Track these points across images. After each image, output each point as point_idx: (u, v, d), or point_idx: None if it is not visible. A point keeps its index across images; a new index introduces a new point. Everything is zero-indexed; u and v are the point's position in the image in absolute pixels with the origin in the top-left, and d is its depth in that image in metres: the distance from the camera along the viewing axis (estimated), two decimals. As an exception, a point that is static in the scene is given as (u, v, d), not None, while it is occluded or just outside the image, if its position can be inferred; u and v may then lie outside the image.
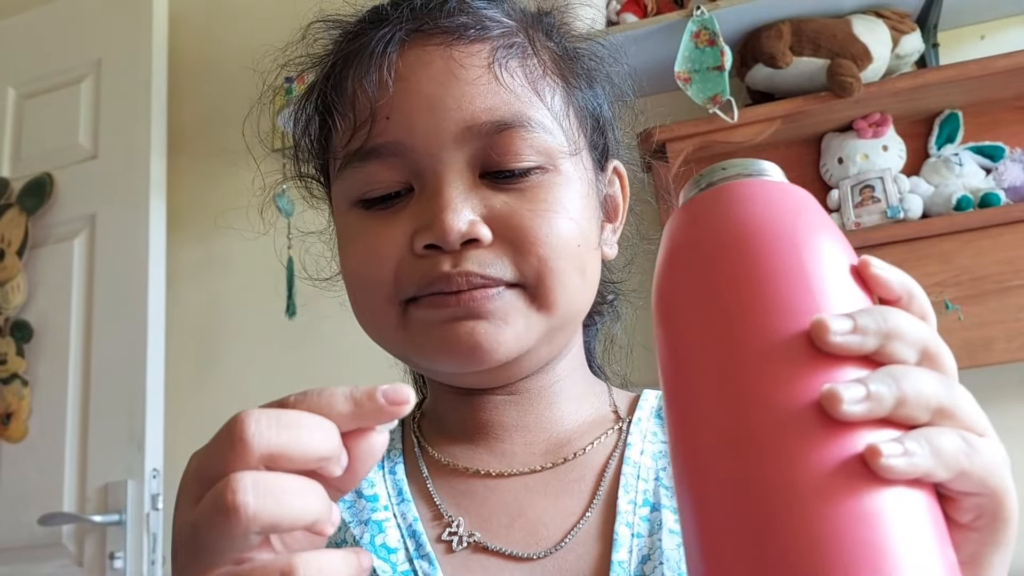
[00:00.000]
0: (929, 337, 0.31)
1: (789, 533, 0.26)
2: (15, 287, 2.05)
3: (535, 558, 0.51)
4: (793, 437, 0.27)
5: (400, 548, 0.52)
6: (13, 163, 2.20)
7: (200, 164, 2.19)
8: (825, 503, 0.26)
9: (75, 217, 2.06)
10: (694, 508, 0.29)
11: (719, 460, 0.29)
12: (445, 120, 0.52)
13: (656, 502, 0.53)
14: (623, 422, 0.59)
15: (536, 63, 0.55)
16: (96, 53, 2.14)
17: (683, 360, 0.31)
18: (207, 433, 1.29)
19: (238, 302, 2.11)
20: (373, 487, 0.56)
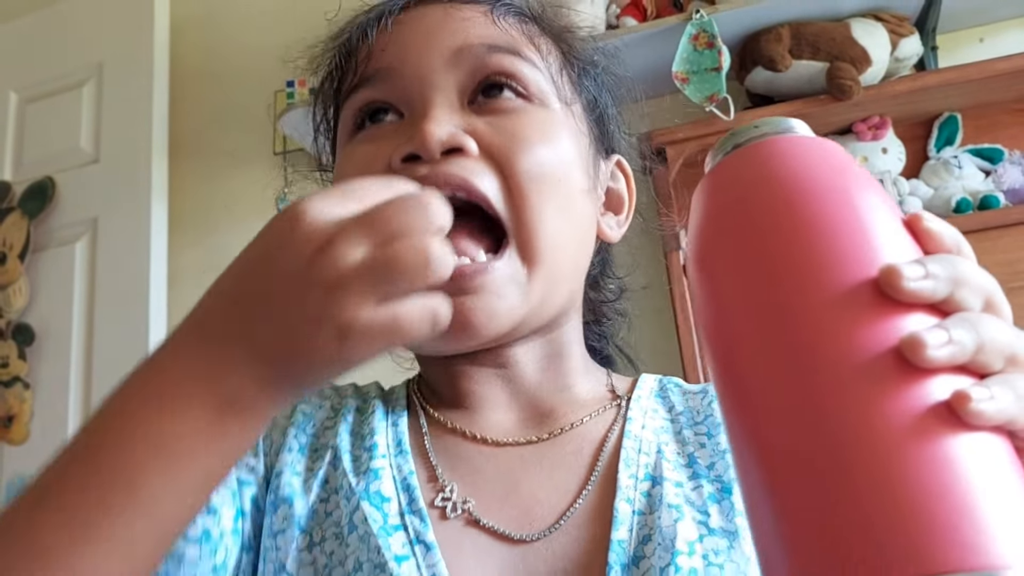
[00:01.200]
0: (992, 285, 0.31)
1: (873, 486, 0.25)
2: (17, 290, 2.06)
3: (528, 540, 0.49)
4: (870, 387, 0.26)
5: (393, 499, 0.50)
6: (15, 167, 2.20)
7: (202, 167, 2.19)
8: (910, 452, 0.25)
9: (77, 221, 2.06)
10: (763, 478, 0.27)
11: (789, 421, 0.27)
12: (437, 45, 0.53)
13: (658, 475, 0.51)
14: (621, 399, 0.58)
15: (535, 28, 0.57)
16: (98, 57, 2.14)
17: (738, 325, 0.29)
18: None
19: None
20: (375, 436, 0.54)
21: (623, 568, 0.46)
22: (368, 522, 0.48)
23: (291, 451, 0.54)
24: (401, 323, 0.34)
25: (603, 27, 1.73)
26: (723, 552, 0.46)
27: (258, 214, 2.10)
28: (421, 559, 0.47)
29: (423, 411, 0.57)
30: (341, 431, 0.55)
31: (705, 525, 0.48)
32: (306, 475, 0.53)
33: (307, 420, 0.56)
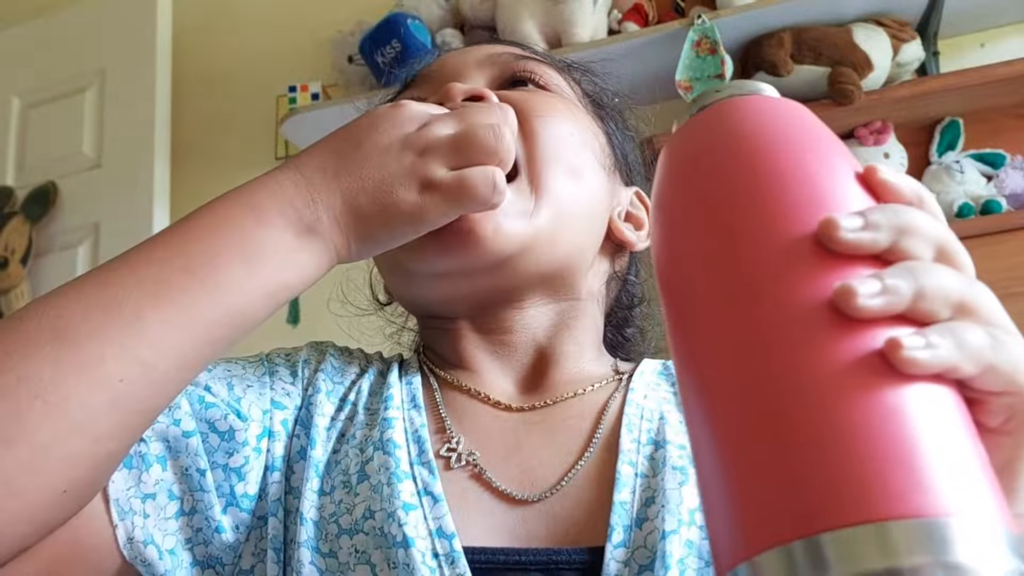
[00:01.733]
0: (945, 234, 0.30)
1: (810, 435, 0.25)
2: (19, 295, 2.06)
3: (529, 501, 0.49)
4: (809, 337, 0.26)
5: (403, 447, 0.51)
6: (17, 172, 2.21)
7: (203, 173, 2.20)
8: (845, 400, 0.25)
9: (79, 225, 2.06)
10: (706, 418, 0.28)
11: (732, 367, 0.27)
12: (472, 53, 0.61)
13: (661, 439, 0.51)
14: (624, 375, 0.59)
15: (556, 70, 0.64)
16: (100, 62, 2.15)
17: (689, 271, 0.30)
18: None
19: (241, 310, 2.11)
20: (390, 388, 0.55)
21: (625, 529, 0.46)
22: (380, 470, 0.49)
23: (319, 392, 0.55)
24: (469, 183, 0.45)
25: (604, 33, 1.74)
26: None
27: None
28: (428, 510, 0.47)
29: (432, 373, 0.58)
30: (363, 388, 0.56)
31: None
32: (329, 422, 0.54)
33: (336, 372, 0.58)
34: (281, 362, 0.57)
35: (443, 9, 1.91)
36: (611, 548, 0.45)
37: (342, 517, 0.48)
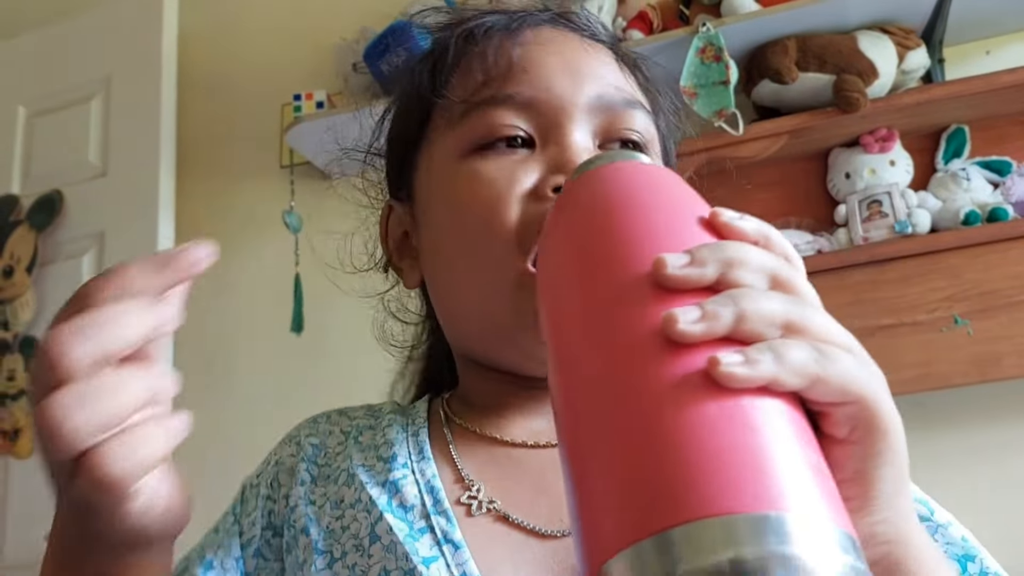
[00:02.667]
0: (777, 265, 0.33)
1: (654, 440, 0.28)
2: (24, 303, 2.06)
3: (559, 536, 0.49)
4: (647, 360, 0.30)
5: (417, 504, 0.50)
6: (23, 180, 2.21)
7: (209, 181, 2.20)
8: (681, 411, 0.28)
9: (84, 234, 2.07)
10: (565, 432, 0.32)
11: (588, 388, 0.32)
12: (582, 85, 0.55)
13: None
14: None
15: (641, 77, 0.62)
16: (105, 71, 2.15)
17: (559, 303, 0.36)
18: (214, 448, 1.33)
19: (245, 318, 2.12)
20: (392, 447, 0.55)
21: None
22: (393, 531, 0.49)
23: (303, 484, 0.55)
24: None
25: (609, 40, 1.74)
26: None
27: (265, 228, 2.11)
28: (450, 558, 0.47)
29: (449, 422, 0.58)
30: (352, 452, 0.56)
31: None
32: (320, 501, 0.54)
33: (317, 450, 0.58)
34: (249, 495, 0.59)
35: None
36: None
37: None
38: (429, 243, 0.59)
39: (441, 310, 0.60)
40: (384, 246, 0.65)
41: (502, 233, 0.51)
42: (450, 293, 0.58)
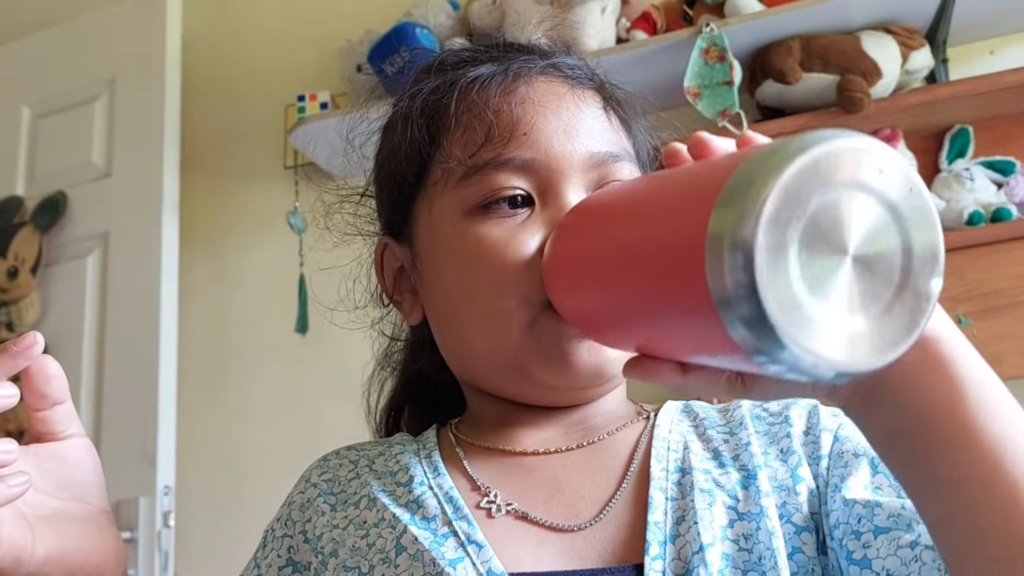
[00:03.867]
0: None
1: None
2: (29, 304, 2.07)
3: (575, 529, 0.53)
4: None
5: (438, 514, 0.54)
6: (28, 182, 2.22)
7: (213, 182, 2.20)
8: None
9: (88, 235, 2.07)
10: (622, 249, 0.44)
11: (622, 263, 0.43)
12: (577, 146, 0.58)
13: (687, 466, 0.55)
14: (648, 413, 0.62)
15: (619, 114, 0.64)
16: (110, 73, 2.16)
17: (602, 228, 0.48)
18: (219, 449, 1.33)
19: (250, 318, 2.12)
20: (409, 471, 0.58)
21: (660, 545, 0.50)
22: (419, 541, 0.52)
23: (324, 514, 0.58)
24: None
25: (613, 41, 1.74)
26: (752, 535, 0.50)
27: (269, 228, 2.11)
28: (475, 557, 0.50)
29: (460, 443, 0.61)
30: (367, 478, 0.59)
31: (735, 510, 0.51)
32: (343, 524, 0.57)
33: (331, 484, 0.61)
34: (268, 539, 0.61)
35: (451, 18, 1.91)
36: (650, 561, 0.49)
37: None
38: (435, 289, 0.61)
39: (449, 348, 0.63)
40: (381, 280, 0.68)
41: (515, 289, 0.55)
42: (458, 335, 0.61)
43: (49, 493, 0.48)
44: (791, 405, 0.59)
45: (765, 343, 0.33)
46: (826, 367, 0.33)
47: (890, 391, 0.40)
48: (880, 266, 0.35)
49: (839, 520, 0.50)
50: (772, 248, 0.32)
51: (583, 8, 1.66)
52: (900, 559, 0.45)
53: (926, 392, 0.39)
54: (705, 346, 0.38)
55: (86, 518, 0.49)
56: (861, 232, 0.34)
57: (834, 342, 0.33)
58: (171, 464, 1.87)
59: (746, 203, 0.32)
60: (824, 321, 0.33)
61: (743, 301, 0.32)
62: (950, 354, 0.40)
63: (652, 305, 0.41)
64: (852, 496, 0.50)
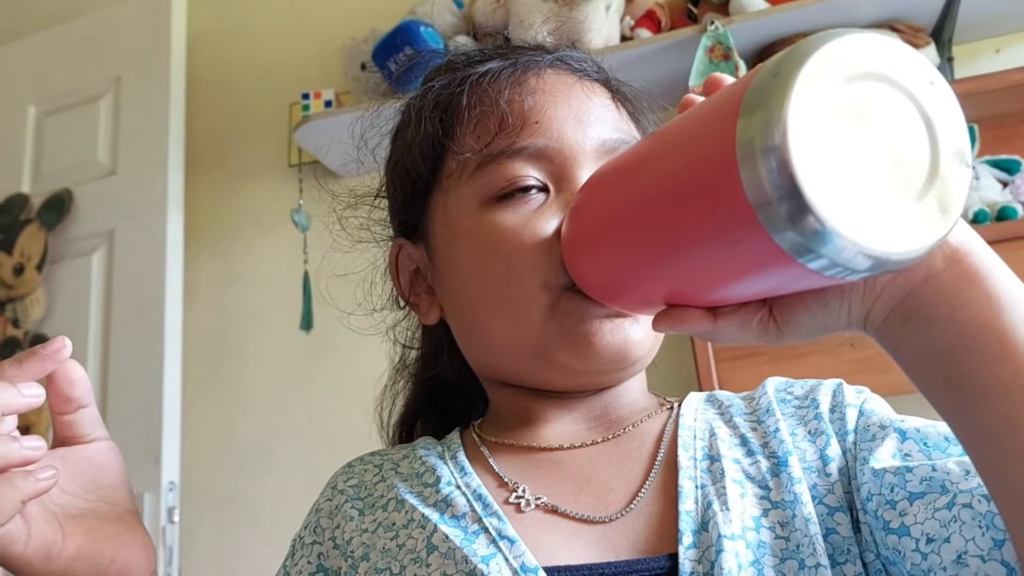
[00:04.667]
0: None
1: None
2: (34, 301, 2.08)
3: (606, 521, 0.53)
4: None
5: (468, 512, 0.54)
6: (33, 179, 2.22)
7: (218, 180, 2.21)
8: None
9: (93, 232, 2.08)
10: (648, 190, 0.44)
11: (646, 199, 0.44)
12: (587, 133, 0.59)
13: (715, 454, 0.55)
14: (672, 404, 0.63)
15: (627, 107, 0.65)
16: (115, 71, 2.16)
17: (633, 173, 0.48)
18: (223, 446, 1.34)
19: (254, 316, 2.12)
20: (435, 471, 0.58)
21: (693, 533, 0.50)
22: (450, 539, 0.52)
23: (352, 519, 0.58)
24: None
25: (617, 39, 1.74)
26: (788, 523, 0.50)
27: (273, 226, 2.12)
28: (507, 552, 0.50)
29: (484, 442, 0.62)
30: (393, 481, 0.60)
31: (768, 500, 0.51)
32: (372, 527, 0.57)
33: (357, 489, 0.61)
34: (297, 548, 0.61)
35: (456, 16, 1.91)
36: (683, 550, 0.49)
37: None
38: (452, 283, 0.62)
39: (470, 342, 0.63)
40: (396, 283, 0.68)
41: (535, 273, 0.55)
42: (478, 326, 0.61)
43: (77, 495, 0.50)
44: (816, 387, 0.59)
45: (810, 236, 0.33)
46: (866, 257, 0.34)
47: (926, 308, 0.40)
48: (908, 156, 0.36)
49: (871, 492, 0.49)
50: (805, 143, 0.33)
51: (587, 6, 1.65)
52: (939, 521, 0.45)
53: (962, 306, 0.39)
54: (742, 268, 0.39)
55: (114, 517, 0.50)
56: (886, 122, 0.35)
57: (873, 230, 0.34)
58: (175, 460, 1.87)
59: (771, 104, 0.33)
60: (862, 209, 0.34)
61: (784, 199, 0.33)
62: (984, 267, 0.40)
63: (683, 239, 0.41)
64: (881, 466, 0.50)
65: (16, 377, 0.46)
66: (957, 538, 0.44)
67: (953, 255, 0.40)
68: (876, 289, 0.41)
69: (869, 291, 0.41)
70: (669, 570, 0.49)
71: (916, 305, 0.40)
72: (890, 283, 0.41)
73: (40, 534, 0.45)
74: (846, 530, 0.50)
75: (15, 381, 0.46)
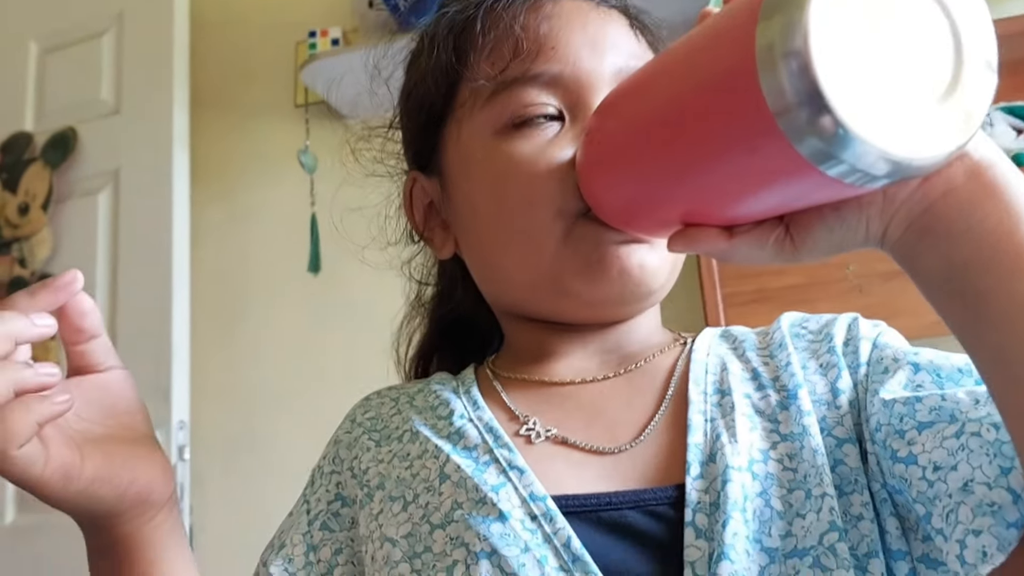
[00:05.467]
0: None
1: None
2: (41, 241, 2.08)
3: (615, 452, 0.54)
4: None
5: (479, 444, 0.55)
6: (36, 118, 2.20)
7: (223, 120, 2.19)
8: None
9: (99, 172, 2.07)
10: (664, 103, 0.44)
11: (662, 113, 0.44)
12: (604, 60, 0.58)
13: (725, 388, 0.55)
14: (685, 340, 0.63)
15: (651, 37, 0.64)
16: (117, 6, 2.13)
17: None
18: (232, 385, 1.35)
19: (262, 258, 2.13)
20: (449, 405, 0.59)
21: (701, 464, 0.50)
22: (461, 469, 0.53)
23: (369, 450, 0.60)
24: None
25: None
26: (796, 455, 0.50)
27: (280, 168, 2.10)
28: (517, 482, 0.51)
29: (497, 377, 0.62)
30: (408, 413, 0.61)
31: (777, 432, 0.52)
32: (388, 458, 0.58)
33: (374, 422, 0.62)
34: (316, 476, 0.63)
35: (464, -47, 1.87)
36: (691, 480, 0.50)
37: (432, 515, 0.52)
38: (466, 215, 0.61)
39: (484, 274, 0.63)
40: (410, 217, 0.68)
41: (549, 202, 0.55)
42: (493, 258, 0.61)
43: (94, 420, 0.51)
44: (832, 322, 0.58)
45: (830, 141, 0.33)
46: (887, 162, 0.34)
47: (945, 223, 0.39)
48: (932, 60, 0.35)
49: (879, 423, 0.49)
50: (826, 46, 0.32)
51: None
52: (947, 450, 0.45)
53: (981, 220, 0.38)
54: (761, 179, 0.38)
55: (132, 441, 0.52)
56: (909, 24, 0.35)
57: (894, 134, 0.34)
58: (185, 399, 1.89)
59: (790, 7, 0.33)
60: (883, 113, 0.33)
61: (805, 104, 0.32)
62: (1004, 180, 0.39)
63: (701, 153, 0.41)
64: (891, 397, 0.49)
65: (28, 308, 0.47)
66: (964, 466, 0.44)
67: (974, 168, 0.39)
68: (895, 204, 0.40)
69: (888, 205, 0.41)
70: (676, 500, 0.49)
71: (934, 220, 0.40)
72: (909, 198, 0.40)
73: (58, 456, 0.46)
74: (854, 461, 0.50)
75: (27, 312, 0.47)
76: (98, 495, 0.48)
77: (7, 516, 1.96)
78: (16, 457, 0.43)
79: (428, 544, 0.51)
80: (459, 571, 0.48)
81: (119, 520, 0.51)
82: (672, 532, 0.48)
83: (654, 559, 0.48)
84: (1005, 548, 0.41)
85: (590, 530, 0.49)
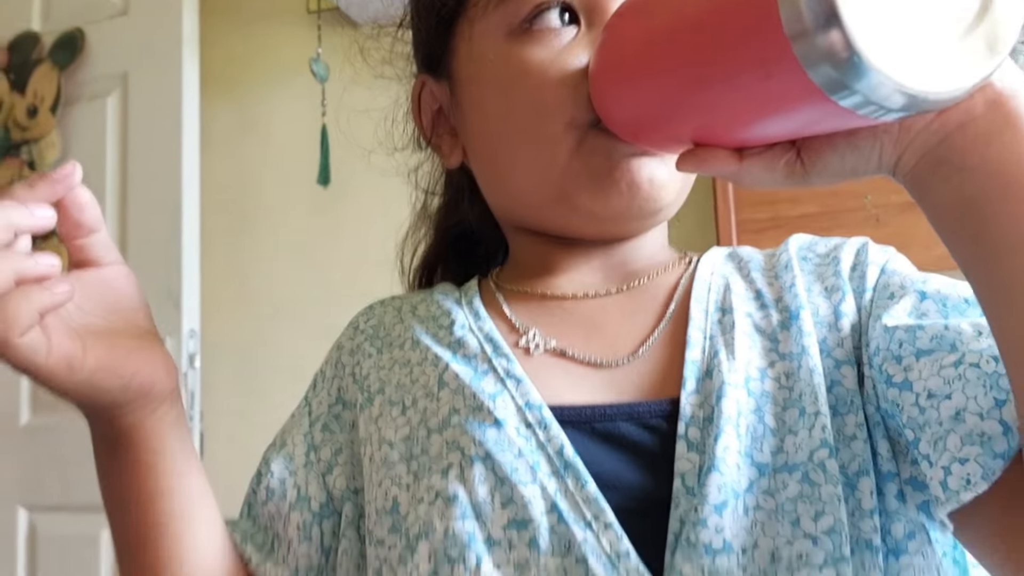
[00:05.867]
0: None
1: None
2: (50, 144, 2.06)
3: (613, 365, 0.54)
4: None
5: (478, 353, 0.55)
6: (43, 17, 2.16)
7: (233, 24, 2.14)
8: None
9: (107, 75, 2.04)
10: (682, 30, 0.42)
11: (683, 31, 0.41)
12: None
13: (727, 306, 0.55)
14: (691, 259, 0.62)
15: None
16: (125, -99, 2.06)
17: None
18: (242, 293, 1.36)
19: (272, 167, 2.11)
20: (451, 315, 0.59)
21: (697, 380, 0.51)
22: (460, 377, 0.54)
23: (370, 356, 0.60)
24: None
25: None
26: (793, 374, 0.50)
27: (291, 74, 2.07)
28: (514, 390, 0.52)
29: (500, 289, 0.62)
30: (410, 322, 0.61)
31: (776, 351, 0.52)
32: (389, 364, 0.59)
33: (376, 329, 0.63)
34: (318, 379, 0.64)
35: None
36: (686, 395, 0.50)
37: (430, 420, 0.53)
38: (475, 122, 0.59)
39: (491, 184, 0.62)
40: (418, 123, 0.66)
41: (560, 112, 0.53)
42: (501, 168, 0.59)
43: (96, 314, 0.51)
44: (840, 246, 0.57)
45: (845, 70, 0.32)
46: (902, 95, 0.33)
47: (958, 155, 0.38)
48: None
49: (879, 347, 0.49)
50: None
51: None
52: (943, 378, 0.45)
53: (998, 151, 0.37)
54: (773, 103, 0.37)
55: (135, 335, 0.52)
56: None
57: (912, 66, 0.33)
58: (196, 307, 1.90)
59: None
60: (901, 43, 0.32)
61: (821, 29, 0.32)
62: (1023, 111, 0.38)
63: (715, 71, 0.39)
64: (894, 323, 0.49)
65: (27, 199, 0.47)
66: (959, 395, 0.44)
67: (996, 98, 0.37)
68: (910, 132, 0.39)
69: (903, 134, 0.40)
70: (670, 413, 0.50)
71: (949, 151, 0.39)
72: (925, 127, 0.39)
73: (60, 345, 0.46)
74: (851, 383, 0.50)
75: (26, 202, 0.46)
76: (102, 385, 0.49)
77: (22, 417, 2.00)
78: (19, 345, 0.44)
79: (425, 447, 0.52)
80: (454, 474, 0.49)
81: (123, 411, 0.52)
82: (664, 444, 0.49)
83: (645, 470, 0.49)
84: (989, 477, 0.41)
85: (584, 439, 0.50)
